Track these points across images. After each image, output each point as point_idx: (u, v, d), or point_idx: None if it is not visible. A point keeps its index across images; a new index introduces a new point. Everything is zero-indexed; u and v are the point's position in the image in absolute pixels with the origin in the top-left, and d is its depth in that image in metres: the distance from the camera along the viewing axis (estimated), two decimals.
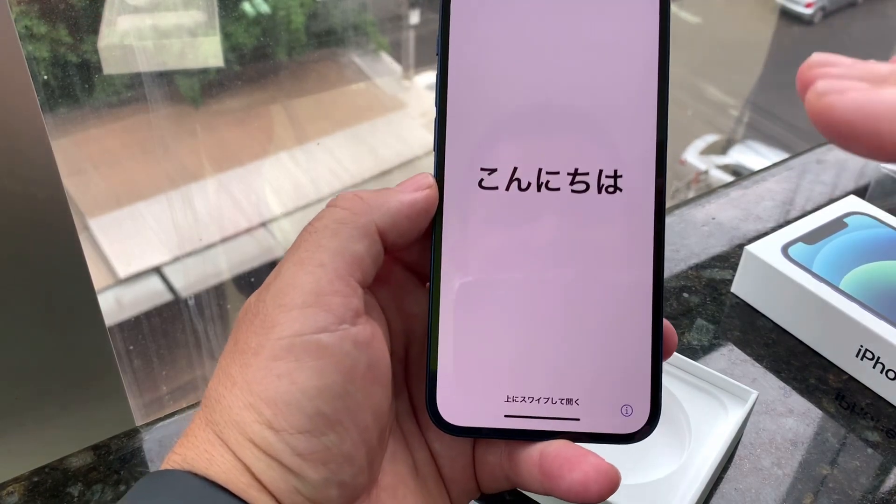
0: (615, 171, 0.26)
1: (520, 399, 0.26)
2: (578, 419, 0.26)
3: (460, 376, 0.26)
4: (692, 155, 3.30)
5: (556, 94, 0.26)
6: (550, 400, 0.26)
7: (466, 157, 0.26)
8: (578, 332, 0.26)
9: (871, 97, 0.20)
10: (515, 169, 0.26)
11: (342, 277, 0.24)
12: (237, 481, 0.23)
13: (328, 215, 0.25)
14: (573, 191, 0.26)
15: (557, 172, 0.26)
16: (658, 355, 0.26)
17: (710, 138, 3.40)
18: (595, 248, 0.26)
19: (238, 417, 0.23)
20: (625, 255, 0.26)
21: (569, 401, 0.26)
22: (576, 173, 0.26)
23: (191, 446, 0.24)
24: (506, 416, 0.26)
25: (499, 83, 0.26)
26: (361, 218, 0.25)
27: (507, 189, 0.26)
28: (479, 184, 0.26)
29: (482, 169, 0.26)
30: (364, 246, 0.25)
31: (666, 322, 0.26)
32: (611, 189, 0.26)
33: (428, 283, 0.27)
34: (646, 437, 0.26)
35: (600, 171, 0.26)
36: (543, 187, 0.26)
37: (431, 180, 0.26)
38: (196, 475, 0.23)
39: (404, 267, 0.29)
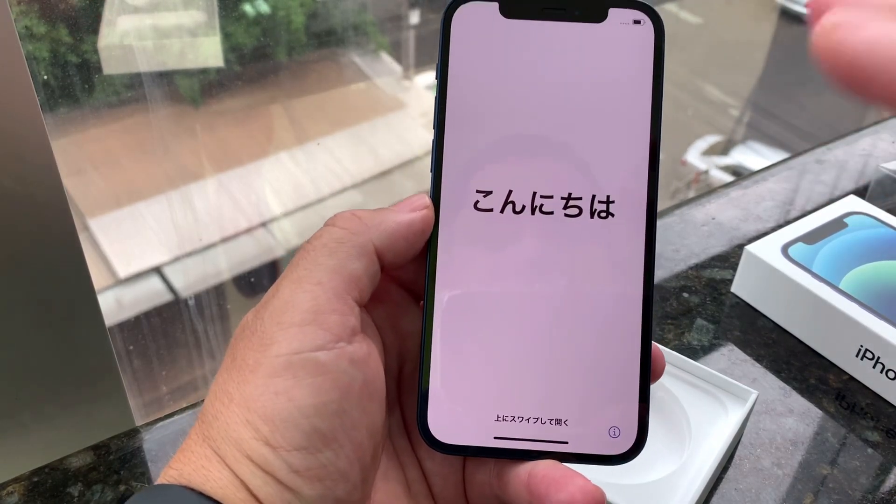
0: (608, 197, 0.27)
1: (510, 419, 0.26)
2: (567, 439, 0.26)
3: (451, 395, 0.26)
4: (693, 156, 3.29)
5: (551, 121, 0.27)
6: (540, 420, 0.26)
7: (462, 179, 0.27)
8: (568, 354, 0.26)
9: (893, 34, 0.16)
10: (510, 192, 0.27)
11: (340, 296, 0.24)
12: (234, 497, 0.23)
13: (326, 234, 0.26)
14: (566, 215, 0.27)
15: (551, 196, 0.27)
16: (646, 378, 0.26)
17: (712, 139, 3.40)
18: (586, 271, 0.27)
19: (235, 434, 0.23)
20: (615, 279, 0.27)
21: (558, 421, 0.26)
22: (569, 198, 0.27)
23: (187, 461, 0.24)
24: (496, 435, 0.26)
25: (496, 109, 0.27)
26: (359, 237, 0.26)
27: (502, 211, 0.27)
28: (475, 205, 0.27)
29: (478, 191, 0.27)
30: (362, 265, 0.25)
31: (654, 345, 0.27)
32: (603, 214, 0.27)
33: (422, 302, 0.27)
34: (632, 458, 0.26)
35: (593, 197, 0.27)
36: (537, 210, 0.27)
37: (428, 201, 0.27)
38: (193, 490, 0.23)
39: (399, 285, 0.29)
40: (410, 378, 0.28)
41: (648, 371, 0.26)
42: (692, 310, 0.58)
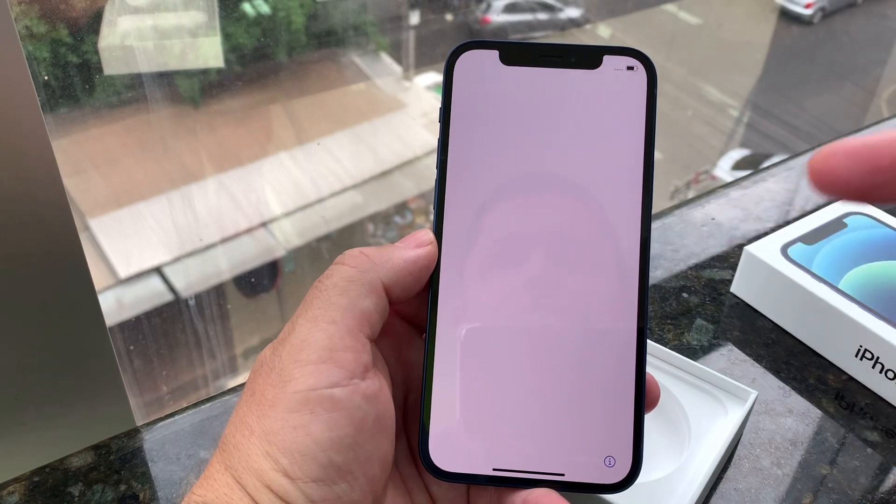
0: (603, 235, 0.28)
1: (508, 449, 0.27)
2: (563, 469, 0.27)
3: (451, 425, 0.27)
4: (722, 171, 3.29)
5: (548, 162, 0.28)
6: (536, 450, 0.27)
7: (464, 217, 0.28)
8: (565, 387, 0.27)
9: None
10: (509, 229, 0.28)
11: (353, 333, 0.26)
12: None
13: (337, 273, 0.27)
14: (562, 253, 0.28)
15: (548, 234, 0.28)
16: (640, 409, 0.27)
17: (737, 154, 3.39)
18: (582, 307, 0.28)
19: (256, 465, 0.24)
20: (610, 314, 0.28)
21: (553, 452, 0.27)
22: (566, 236, 0.28)
23: (210, 488, 0.25)
24: (494, 465, 0.27)
25: (495, 150, 0.28)
26: (368, 275, 0.27)
27: (501, 248, 0.28)
28: (475, 242, 0.28)
29: (479, 228, 0.28)
30: (372, 302, 0.27)
31: (649, 375, 0.28)
32: (598, 252, 0.28)
33: (424, 334, 0.28)
34: (628, 487, 0.27)
35: (589, 235, 0.28)
36: (535, 248, 0.28)
37: (432, 236, 0.28)
38: None
39: (402, 318, 0.30)
40: (415, 407, 0.30)
41: (643, 402, 0.27)
42: (692, 310, 0.58)
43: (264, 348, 0.27)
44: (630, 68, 0.28)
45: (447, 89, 0.28)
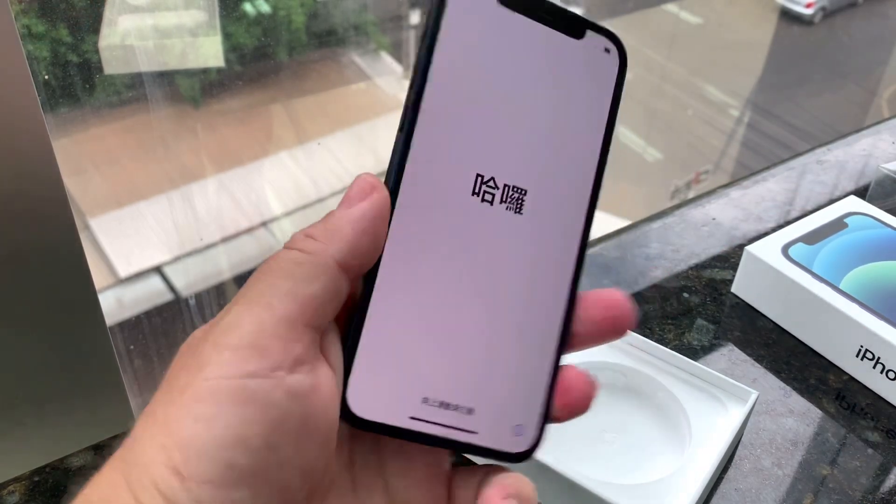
0: (551, 196, 0.28)
1: (426, 402, 0.26)
2: (476, 431, 0.27)
3: (373, 372, 0.26)
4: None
5: (516, 116, 0.28)
6: (455, 407, 0.27)
7: (426, 160, 0.27)
8: (489, 350, 0.27)
9: None
10: (462, 177, 0.27)
11: (289, 321, 0.23)
12: None
13: (283, 255, 0.24)
14: (507, 208, 0.27)
15: (497, 187, 0.27)
16: (553, 386, 0.27)
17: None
18: (519, 270, 0.27)
19: (147, 457, 0.21)
20: (545, 284, 0.27)
21: (470, 411, 0.27)
22: (515, 190, 0.27)
23: (96, 485, 0.22)
24: (410, 417, 0.26)
25: (472, 95, 0.27)
26: (317, 257, 0.24)
27: (454, 197, 0.27)
28: (430, 187, 0.27)
29: (435, 173, 0.27)
30: (320, 285, 0.23)
31: (584, 373, 0.27)
32: (544, 213, 0.28)
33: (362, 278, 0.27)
34: (526, 459, 0.27)
35: (538, 193, 0.28)
36: (487, 200, 0.27)
37: (374, 179, 0.25)
38: None
39: None
40: None
41: (556, 378, 0.27)
42: (692, 310, 0.58)
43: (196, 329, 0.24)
44: (606, 50, 0.28)
45: (436, 22, 0.26)
